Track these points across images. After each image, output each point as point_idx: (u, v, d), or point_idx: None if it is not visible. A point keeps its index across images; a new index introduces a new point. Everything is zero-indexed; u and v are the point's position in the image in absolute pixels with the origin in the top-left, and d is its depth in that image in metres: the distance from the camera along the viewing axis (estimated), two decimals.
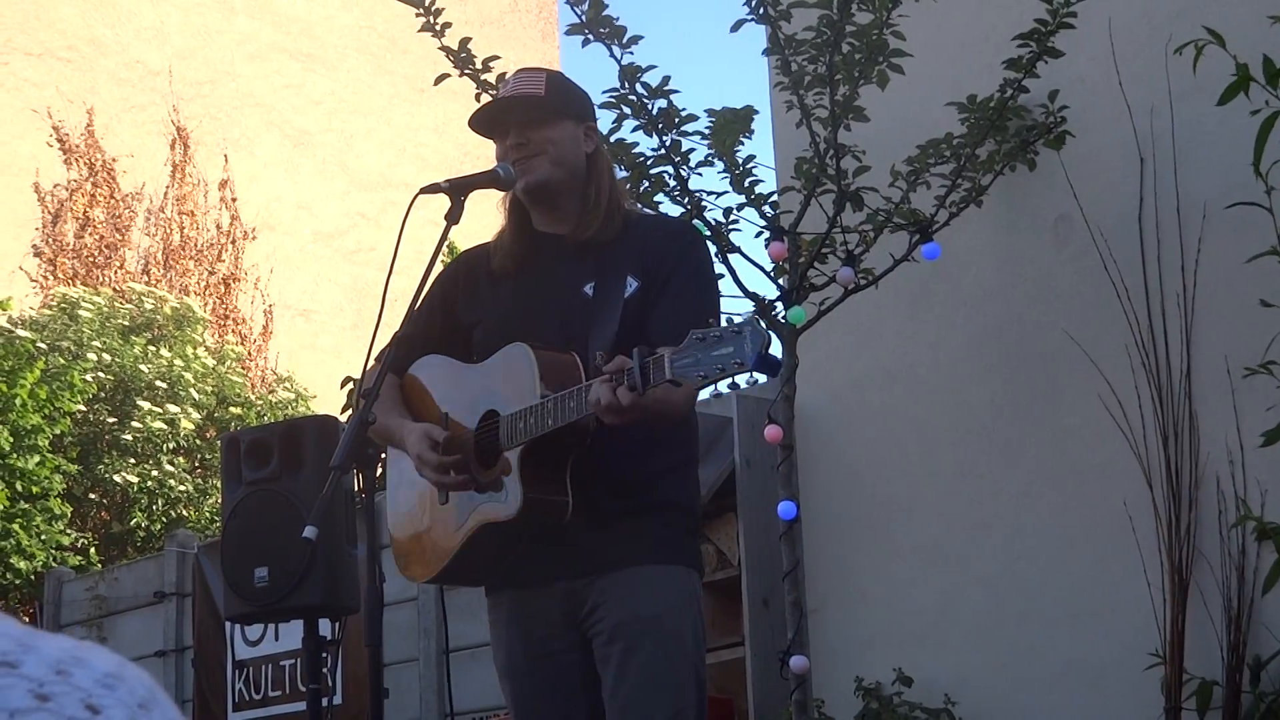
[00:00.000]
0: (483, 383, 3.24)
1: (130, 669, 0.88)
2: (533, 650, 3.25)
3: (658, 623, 3.13)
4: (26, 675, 0.84)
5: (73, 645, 0.88)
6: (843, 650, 6.26)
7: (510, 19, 22.02)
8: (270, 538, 5.15)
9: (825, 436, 6.45)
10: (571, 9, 5.72)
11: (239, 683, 8.46)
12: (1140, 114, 5.64)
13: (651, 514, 3.20)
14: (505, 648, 3.30)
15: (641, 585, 3.15)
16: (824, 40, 5.59)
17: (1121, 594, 5.53)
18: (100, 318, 14.67)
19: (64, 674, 0.85)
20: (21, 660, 0.84)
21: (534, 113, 3.30)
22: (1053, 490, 5.82)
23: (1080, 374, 5.69)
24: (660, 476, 3.24)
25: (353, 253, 19.89)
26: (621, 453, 3.15)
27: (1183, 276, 5.53)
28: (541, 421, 3.01)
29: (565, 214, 3.33)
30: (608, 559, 3.16)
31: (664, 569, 3.19)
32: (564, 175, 3.31)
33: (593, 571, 3.17)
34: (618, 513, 3.17)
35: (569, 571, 3.18)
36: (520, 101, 3.32)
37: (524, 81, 3.36)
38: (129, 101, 18.62)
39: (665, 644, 3.13)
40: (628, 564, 3.16)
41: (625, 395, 2.80)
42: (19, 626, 0.88)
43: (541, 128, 3.29)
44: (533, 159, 3.28)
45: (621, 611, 3.14)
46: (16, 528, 12.00)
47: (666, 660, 3.13)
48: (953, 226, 5.89)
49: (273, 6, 19.98)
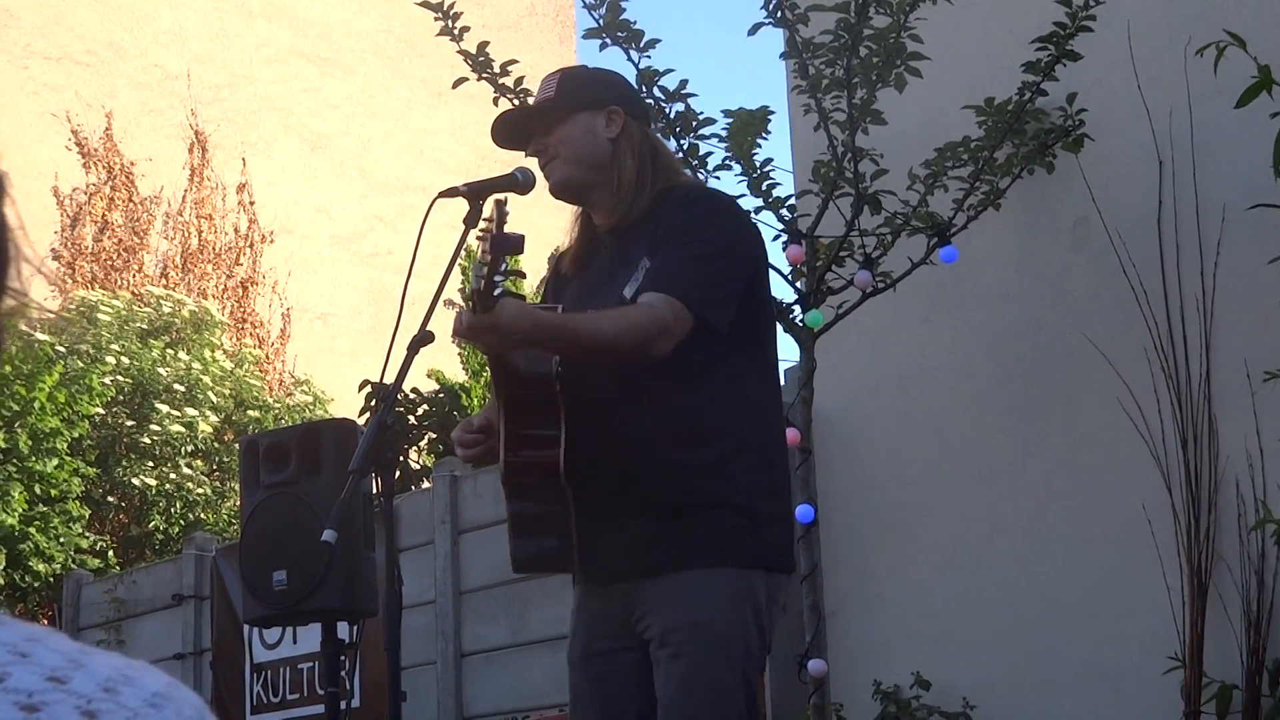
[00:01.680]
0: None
1: (181, 690, 0.89)
2: (590, 647, 3.24)
3: (700, 628, 3.07)
4: (75, 691, 0.84)
5: (124, 664, 0.88)
6: (861, 654, 6.25)
7: (528, 23, 22.03)
8: (288, 541, 5.16)
9: (843, 439, 6.44)
10: (589, 13, 5.73)
11: (257, 685, 8.48)
12: (1159, 116, 5.63)
13: (698, 513, 3.12)
14: (572, 638, 3.30)
15: (687, 590, 3.10)
16: (841, 44, 5.59)
17: (1140, 597, 5.52)
18: (119, 321, 14.71)
19: (112, 692, 0.85)
20: (71, 676, 0.85)
21: (547, 117, 3.30)
22: (1071, 493, 5.81)
23: (1099, 377, 5.68)
24: (707, 472, 3.14)
25: (370, 256, 19.92)
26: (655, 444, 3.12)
27: (1202, 279, 5.52)
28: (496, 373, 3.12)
29: (603, 205, 3.32)
30: (654, 562, 3.12)
31: (711, 573, 3.11)
32: (583, 170, 3.28)
33: (643, 575, 3.14)
34: (665, 510, 3.12)
35: (624, 573, 3.17)
36: (533, 111, 3.33)
37: (540, 90, 3.37)
38: (147, 105, 18.67)
39: (709, 649, 3.07)
40: (673, 568, 3.10)
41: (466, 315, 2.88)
42: (72, 643, 0.88)
43: (554, 129, 3.28)
44: (550, 163, 3.29)
45: (664, 619, 3.10)
46: (35, 530, 12.03)
47: (711, 666, 3.09)
48: (971, 230, 5.88)
49: (291, 10, 20.03)
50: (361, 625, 5.30)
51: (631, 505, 3.12)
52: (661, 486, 3.13)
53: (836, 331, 5.94)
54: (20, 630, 0.88)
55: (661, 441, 3.13)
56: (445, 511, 7.99)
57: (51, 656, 0.86)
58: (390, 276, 19.47)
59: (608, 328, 3.02)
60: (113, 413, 13.91)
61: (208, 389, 14.44)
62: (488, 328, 2.85)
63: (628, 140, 3.29)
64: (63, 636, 0.89)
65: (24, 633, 0.88)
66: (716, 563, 3.12)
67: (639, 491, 3.13)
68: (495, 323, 2.84)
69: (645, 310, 3.02)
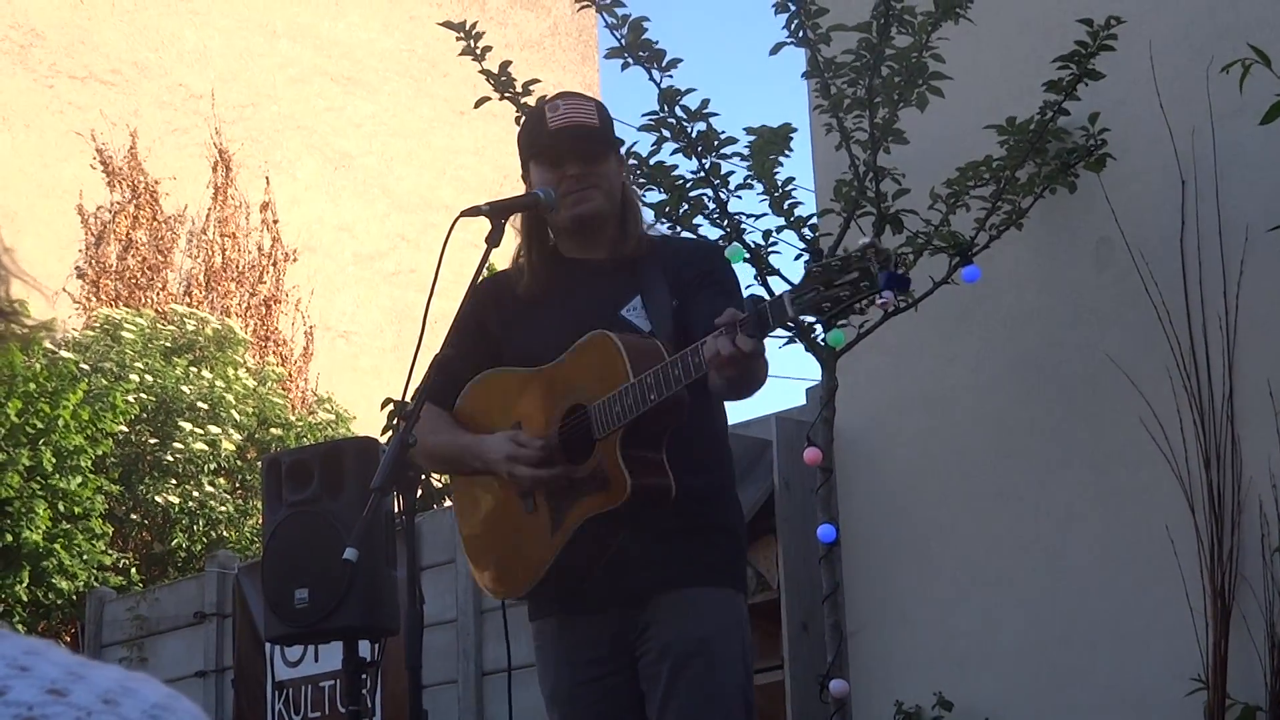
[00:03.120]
0: (557, 383, 3.23)
1: (180, 702, 0.89)
2: (579, 676, 3.25)
3: (707, 645, 3.14)
4: (74, 704, 0.84)
5: (123, 676, 0.88)
6: (882, 673, 6.24)
7: (550, 42, 22.08)
8: (311, 559, 5.16)
9: (865, 459, 6.43)
10: (611, 33, 5.74)
11: (279, 703, 8.48)
12: (1181, 136, 5.62)
13: (705, 535, 3.22)
14: (553, 674, 3.30)
15: (692, 607, 3.15)
16: (863, 63, 5.59)
17: (1163, 618, 5.50)
18: (142, 339, 14.76)
19: (112, 704, 0.85)
20: (71, 689, 0.85)
21: (592, 145, 3.33)
22: (1094, 513, 5.79)
23: (1121, 397, 5.66)
24: (708, 499, 3.25)
25: (393, 274, 19.96)
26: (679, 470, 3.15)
27: (1224, 299, 5.50)
28: (642, 398, 3.01)
29: (600, 241, 3.35)
30: (662, 580, 3.16)
31: (715, 591, 3.19)
32: (609, 207, 3.35)
33: (647, 595, 3.16)
34: (673, 532, 3.17)
35: (624, 598, 3.18)
36: (580, 132, 3.33)
37: (577, 110, 3.37)
38: (172, 124, 18.75)
39: (714, 667, 3.13)
40: (680, 585, 3.16)
41: (746, 341, 2.78)
42: (71, 656, 0.89)
43: (597, 161, 3.33)
44: (588, 190, 3.30)
45: (671, 632, 3.14)
46: (59, 548, 12.06)
47: (715, 683, 3.13)
48: (993, 249, 5.88)
49: (314, 30, 20.10)
50: (383, 643, 5.29)
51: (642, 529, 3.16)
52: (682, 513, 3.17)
53: (858, 351, 5.94)
54: (19, 644, 0.88)
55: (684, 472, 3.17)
56: None
57: (51, 669, 0.86)
58: (413, 295, 19.51)
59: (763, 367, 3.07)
60: (136, 430, 13.95)
61: (231, 407, 14.47)
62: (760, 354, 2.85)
63: (630, 188, 3.49)
64: (63, 650, 0.89)
65: (23, 646, 0.88)
66: (715, 582, 3.21)
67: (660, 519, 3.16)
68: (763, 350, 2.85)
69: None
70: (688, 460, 3.18)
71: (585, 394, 3.14)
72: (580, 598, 3.22)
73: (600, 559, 3.20)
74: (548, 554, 3.22)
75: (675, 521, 3.17)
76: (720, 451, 3.35)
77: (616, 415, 3.06)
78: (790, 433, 6.60)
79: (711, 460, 3.29)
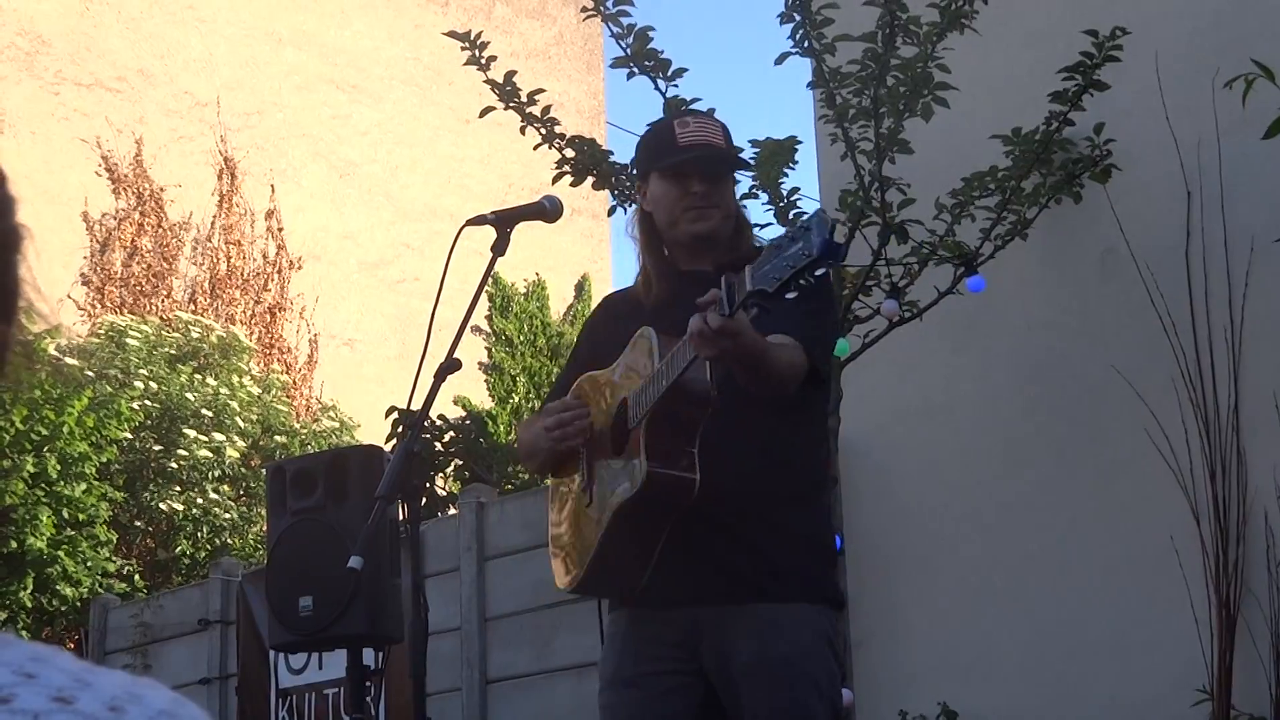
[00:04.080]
0: (617, 379, 3.26)
1: (186, 708, 0.88)
2: (643, 667, 3.23)
3: (789, 664, 3.11)
4: (81, 711, 0.84)
5: (130, 682, 0.88)
6: (887, 683, 6.23)
7: (555, 51, 22.10)
8: (315, 567, 5.16)
9: (869, 469, 6.43)
10: (616, 42, 5.75)
11: (282, 711, 8.48)
12: (1187, 147, 5.62)
13: (785, 546, 3.19)
14: (616, 659, 3.29)
15: (774, 621, 3.13)
16: (869, 73, 5.60)
17: (1168, 629, 5.49)
18: (147, 346, 14.76)
19: (118, 711, 0.85)
20: (77, 696, 0.85)
21: (719, 166, 3.37)
22: (1099, 524, 5.79)
23: (1126, 408, 5.66)
24: (791, 504, 3.22)
25: (397, 283, 19.97)
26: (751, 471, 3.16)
27: (1230, 310, 5.50)
28: (658, 385, 3.03)
29: (711, 256, 3.35)
30: (736, 591, 3.14)
31: (796, 607, 3.16)
32: (727, 228, 3.38)
33: (720, 602, 3.15)
34: (750, 541, 3.15)
35: (698, 598, 3.17)
36: (709, 152, 3.36)
37: (706, 129, 3.40)
38: (177, 132, 18.78)
39: (798, 686, 3.11)
40: (758, 599, 3.13)
41: (714, 318, 2.78)
42: (77, 662, 0.88)
43: (721, 181, 3.37)
44: (709, 209, 3.33)
45: (755, 648, 3.11)
46: (63, 554, 12.07)
47: (802, 703, 3.11)
48: (998, 259, 5.88)
49: (320, 38, 20.13)
50: (387, 652, 5.30)
51: (720, 530, 3.13)
52: (755, 515, 3.17)
53: (863, 360, 5.94)
54: (25, 650, 0.88)
55: (762, 471, 3.18)
56: (471, 538, 7.99)
57: (57, 676, 0.86)
58: (417, 303, 19.52)
59: (786, 361, 3.08)
60: (141, 438, 13.96)
61: (235, 414, 14.48)
62: (734, 333, 2.83)
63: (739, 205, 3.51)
64: (69, 656, 0.89)
65: (29, 652, 0.88)
66: (800, 597, 3.18)
67: (730, 517, 3.14)
68: (740, 329, 2.83)
69: (797, 353, 3.11)
70: (778, 465, 3.19)
71: (629, 387, 3.17)
72: (656, 593, 3.20)
73: (645, 551, 3.16)
74: (593, 544, 3.23)
75: (760, 528, 3.16)
76: (812, 457, 3.33)
77: (643, 404, 3.08)
78: None
79: (803, 466, 3.27)
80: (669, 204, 3.33)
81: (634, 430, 3.11)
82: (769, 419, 3.19)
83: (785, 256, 2.66)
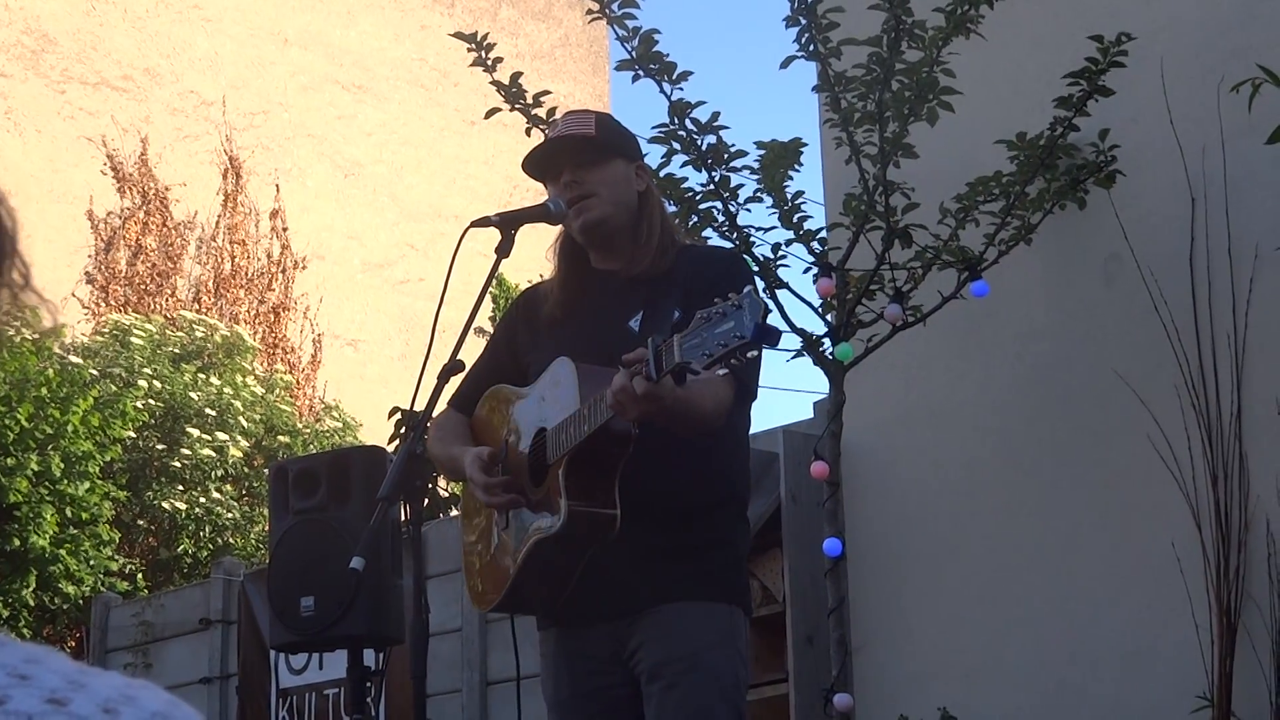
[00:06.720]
0: (534, 404, 3.24)
1: (180, 709, 0.88)
2: (580, 686, 3.25)
3: (695, 660, 3.12)
4: (75, 713, 0.84)
5: (124, 684, 0.88)
6: (888, 688, 6.23)
7: (561, 53, 22.11)
8: (317, 567, 5.17)
9: (872, 473, 6.43)
10: (622, 45, 5.75)
11: (282, 711, 8.48)
12: (1192, 153, 5.62)
13: (695, 551, 3.19)
14: (553, 681, 3.30)
15: (678, 623, 3.14)
16: (874, 77, 5.60)
17: (1169, 636, 5.49)
18: (151, 345, 14.78)
19: (112, 713, 0.85)
20: (71, 698, 0.85)
21: (586, 154, 3.32)
22: (1101, 530, 5.78)
23: (1129, 414, 5.66)
24: (708, 512, 3.23)
25: (402, 283, 19.98)
26: (668, 485, 3.16)
27: (1233, 317, 5.50)
28: (579, 428, 3.00)
29: (618, 251, 3.34)
30: (647, 597, 3.15)
31: (703, 606, 3.17)
32: (618, 214, 3.32)
33: (633, 611, 3.16)
34: (662, 549, 3.16)
35: (611, 612, 3.18)
36: (572, 142, 3.33)
37: (574, 123, 3.38)
38: (182, 131, 18.79)
39: (703, 682, 3.11)
40: (666, 601, 3.14)
41: (640, 383, 2.76)
42: (72, 664, 0.88)
43: (594, 168, 3.31)
44: (587, 199, 3.30)
45: (659, 650, 3.13)
46: (65, 553, 12.08)
47: (704, 698, 3.11)
48: (1002, 264, 5.88)
49: (325, 38, 20.14)
50: (388, 652, 5.30)
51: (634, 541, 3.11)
52: (673, 528, 3.17)
53: (866, 365, 5.94)
54: (20, 652, 0.88)
55: (683, 485, 3.18)
56: None
57: (51, 678, 0.86)
58: (421, 304, 19.53)
59: (711, 404, 3.05)
60: (144, 436, 13.97)
61: (238, 414, 14.50)
62: (658, 398, 2.80)
63: (653, 196, 3.42)
64: (64, 657, 0.89)
65: (24, 654, 0.88)
66: (706, 597, 3.18)
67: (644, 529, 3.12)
68: (663, 394, 2.80)
69: (723, 387, 3.06)
70: (697, 477, 3.18)
71: (549, 418, 3.14)
72: (574, 610, 3.22)
73: (561, 582, 3.17)
74: (509, 573, 3.23)
75: (666, 538, 3.15)
76: (727, 465, 3.30)
77: (563, 443, 3.06)
78: (797, 446, 6.59)
79: (719, 476, 3.26)
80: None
81: (553, 466, 3.09)
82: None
83: (716, 334, 2.63)
